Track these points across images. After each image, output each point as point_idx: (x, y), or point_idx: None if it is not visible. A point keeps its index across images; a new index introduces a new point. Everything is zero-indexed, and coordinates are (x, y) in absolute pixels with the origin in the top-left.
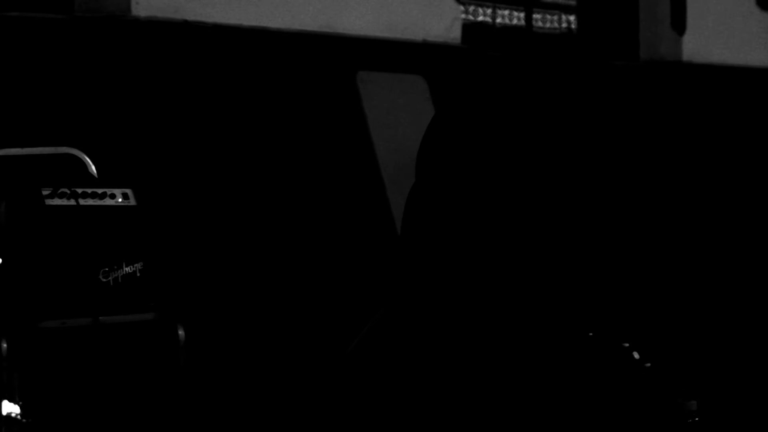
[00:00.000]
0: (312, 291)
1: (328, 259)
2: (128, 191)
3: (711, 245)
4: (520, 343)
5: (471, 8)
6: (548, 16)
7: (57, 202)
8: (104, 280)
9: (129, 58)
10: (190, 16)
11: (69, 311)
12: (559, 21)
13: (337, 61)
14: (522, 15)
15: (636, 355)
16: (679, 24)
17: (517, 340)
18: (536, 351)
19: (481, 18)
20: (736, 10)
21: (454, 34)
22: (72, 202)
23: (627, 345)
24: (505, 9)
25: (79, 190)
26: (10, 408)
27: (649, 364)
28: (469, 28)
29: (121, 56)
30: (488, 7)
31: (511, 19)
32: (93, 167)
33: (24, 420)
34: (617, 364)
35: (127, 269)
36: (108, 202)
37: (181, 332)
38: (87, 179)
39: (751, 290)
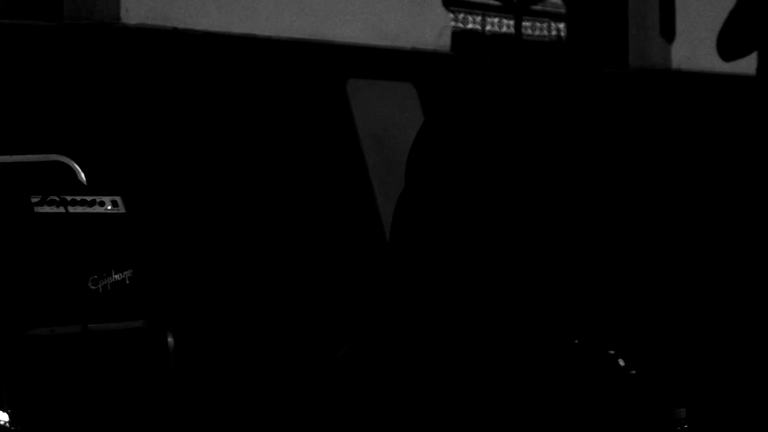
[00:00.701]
0: (302, 298)
1: (318, 267)
2: (117, 198)
3: (697, 251)
4: (506, 349)
5: (461, 16)
6: (538, 24)
7: (46, 209)
8: (93, 287)
9: (118, 65)
10: (180, 24)
11: (58, 319)
12: (549, 28)
13: (328, 68)
14: (511, 22)
15: (621, 362)
16: (668, 32)
17: (503, 347)
18: (521, 358)
19: (470, 25)
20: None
21: (444, 42)
22: (61, 209)
23: (612, 352)
24: (495, 16)
25: (69, 198)
26: None
27: (634, 371)
28: (458, 35)
29: (111, 63)
30: (478, 14)
31: (500, 27)
32: (82, 174)
33: (13, 428)
34: (602, 371)
35: (117, 277)
36: (97, 209)
37: (170, 340)
38: (76, 187)
39: (740, 296)
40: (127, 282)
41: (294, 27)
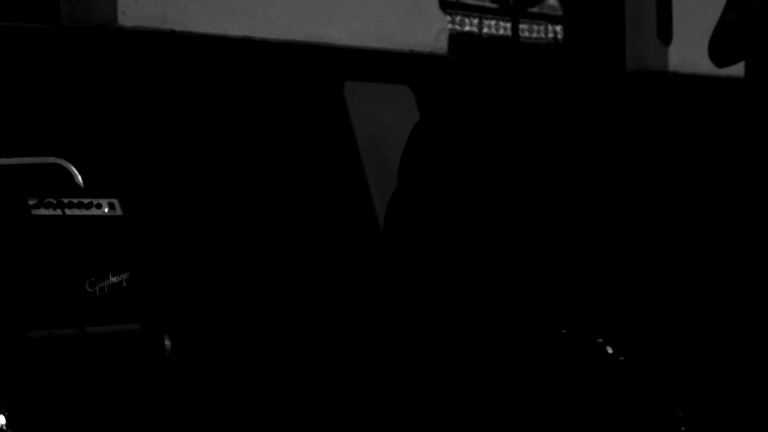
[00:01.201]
0: (300, 300)
1: (315, 269)
2: (115, 201)
3: (694, 251)
4: (495, 341)
5: (458, 18)
6: (535, 26)
7: (43, 212)
8: (90, 290)
9: (115, 67)
10: (177, 26)
11: (55, 321)
12: (546, 31)
13: (324, 71)
14: (508, 25)
15: (609, 350)
16: (665, 34)
17: (492, 339)
18: (510, 349)
19: (467, 28)
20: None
21: (441, 44)
22: (58, 212)
23: (601, 340)
24: (492, 19)
25: (66, 200)
26: None
27: (622, 358)
28: (455, 37)
29: (108, 66)
30: (475, 17)
31: (497, 29)
32: (79, 177)
33: (9, 431)
34: (591, 359)
35: (114, 279)
36: (94, 212)
37: (167, 342)
38: (73, 189)
39: (736, 297)
40: (124, 284)
41: (291, 29)
